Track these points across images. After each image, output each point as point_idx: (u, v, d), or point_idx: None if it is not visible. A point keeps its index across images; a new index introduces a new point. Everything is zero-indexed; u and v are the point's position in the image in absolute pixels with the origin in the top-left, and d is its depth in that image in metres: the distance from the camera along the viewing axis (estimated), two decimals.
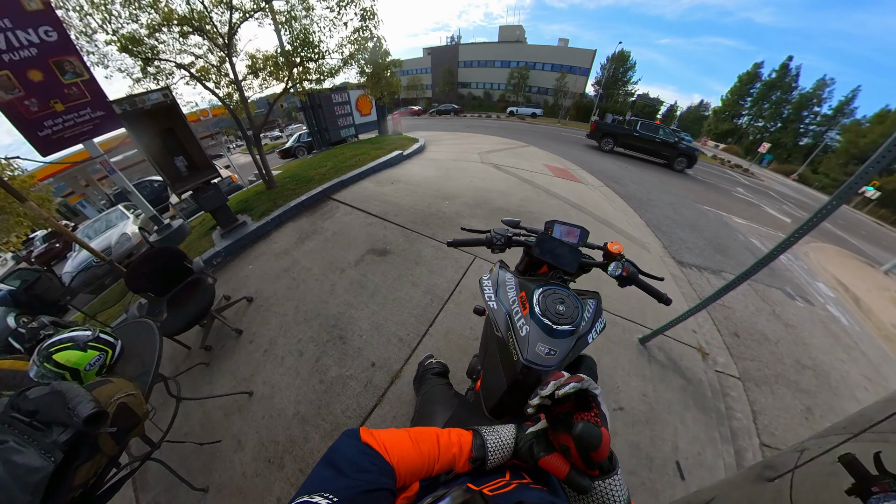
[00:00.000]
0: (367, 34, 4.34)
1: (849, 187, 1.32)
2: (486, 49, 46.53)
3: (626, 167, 10.05)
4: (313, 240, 3.45)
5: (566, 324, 0.84)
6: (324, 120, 8.94)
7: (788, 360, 3.05)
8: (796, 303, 4.27)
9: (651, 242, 4.32)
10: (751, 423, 2.25)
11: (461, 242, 1.19)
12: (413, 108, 32.94)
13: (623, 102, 43.39)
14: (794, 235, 1.55)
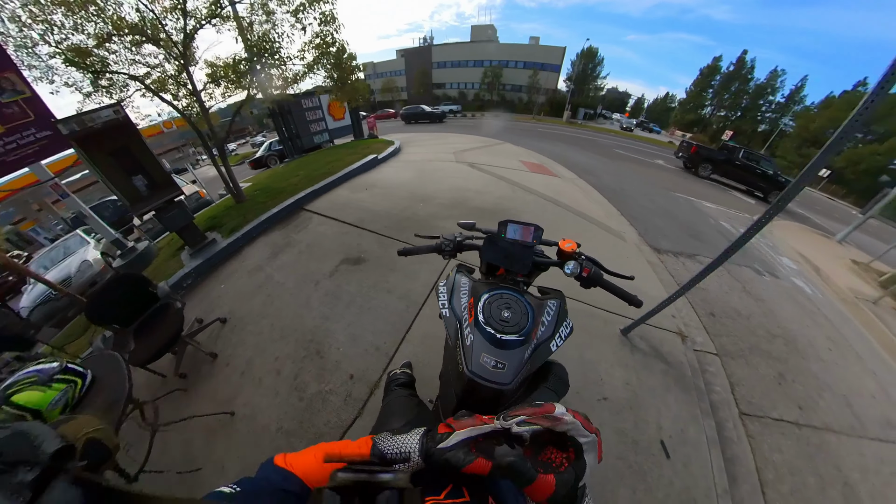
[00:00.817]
0: (329, 39, 4.24)
1: (809, 171, 1.41)
2: (459, 49, 46.88)
3: (600, 160, 10.33)
4: (287, 253, 3.34)
5: (512, 332, 0.76)
6: (295, 126, 8.70)
7: (760, 331, 3.20)
8: (764, 278, 4.50)
9: (627, 231, 4.43)
10: (729, 396, 2.34)
11: (411, 251, 1.14)
12: (389, 111, 32.65)
13: (594, 97, 44.90)
14: (765, 217, 1.61)
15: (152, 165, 3.54)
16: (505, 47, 45.41)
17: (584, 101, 43.31)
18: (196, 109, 4.10)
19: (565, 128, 23.18)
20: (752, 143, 41.21)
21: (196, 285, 3.29)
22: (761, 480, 1.88)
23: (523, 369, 0.76)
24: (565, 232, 3.93)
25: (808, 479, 2.00)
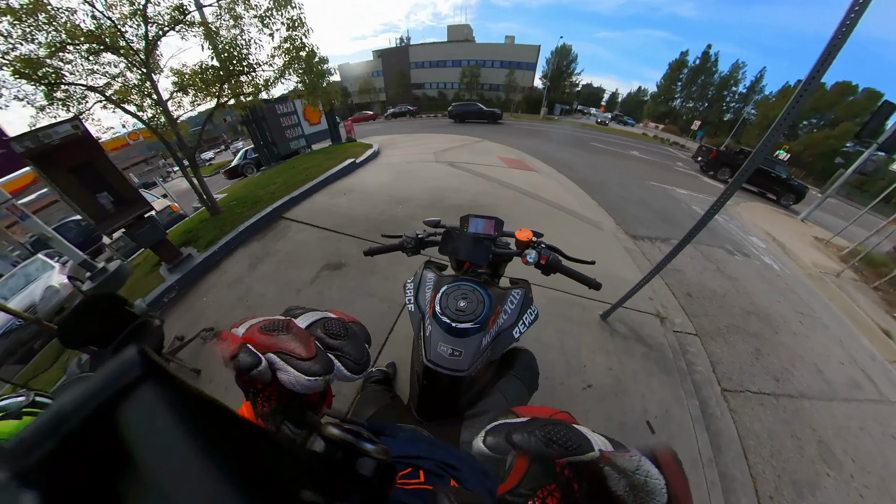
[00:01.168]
0: (298, 43, 4.17)
1: (757, 154, 1.48)
2: (436, 49, 47.10)
3: (577, 153, 10.57)
4: (266, 263, 3.25)
5: (467, 321, 0.78)
6: (270, 133, 8.50)
7: (736, 309, 3.34)
8: (736, 257, 4.70)
9: (604, 221, 4.54)
10: (711, 374, 2.42)
11: (376, 251, 1.16)
12: (367, 113, 32.24)
13: (569, 93, 46.09)
14: (723, 198, 1.68)
15: (118, 181, 3.38)
16: (482, 47, 46.03)
17: (560, 98, 44.48)
18: (163, 120, 3.95)
19: (543, 124, 23.63)
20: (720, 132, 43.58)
21: (175, 302, 3.16)
22: (744, 447, 1.98)
23: (482, 356, 0.78)
24: (542, 224, 3.98)
25: (786, 442, 2.12)
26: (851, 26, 1.15)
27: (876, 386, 3.04)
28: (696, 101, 48.41)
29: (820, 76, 1.26)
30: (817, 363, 2.98)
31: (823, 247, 6.80)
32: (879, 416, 2.68)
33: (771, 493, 1.80)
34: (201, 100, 4.08)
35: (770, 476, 1.89)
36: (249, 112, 7.80)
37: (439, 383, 0.79)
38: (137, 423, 0.16)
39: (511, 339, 0.86)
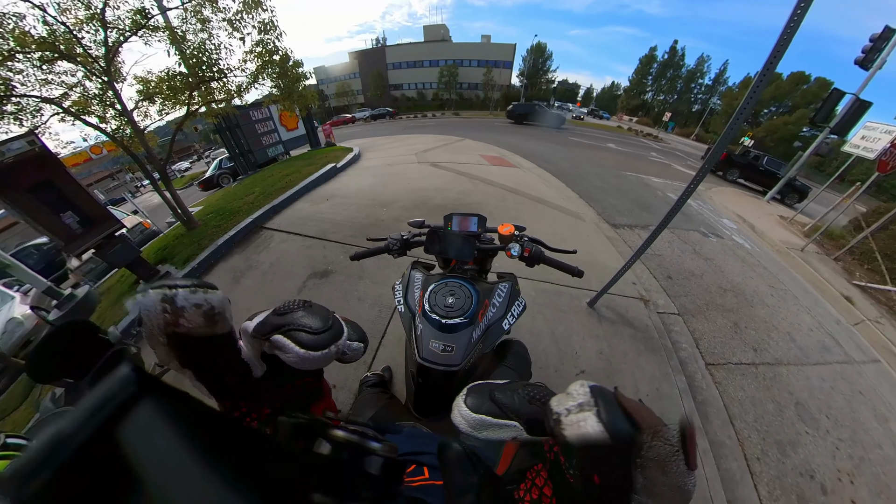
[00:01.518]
0: (271, 47, 4.06)
1: (722, 141, 1.60)
2: (413, 49, 47.01)
3: (555, 148, 10.80)
4: (249, 277, 3.15)
5: (457, 316, 0.80)
6: (245, 140, 8.24)
7: (713, 287, 3.51)
8: (710, 239, 4.93)
9: (585, 212, 4.66)
10: (695, 350, 2.54)
11: (362, 255, 1.16)
12: (346, 116, 31.68)
13: (546, 89, 47.13)
14: (692, 184, 1.77)
15: (83, 199, 3.19)
16: (458, 46, 46.39)
17: (537, 95, 45.47)
18: (129, 131, 3.74)
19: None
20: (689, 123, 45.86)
21: None
22: (730, 415, 2.09)
23: (473, 350, 0.80)
24: (525, 218, 4.05)
25: (768, 406, 2.26)
26: (798, 22, 1.25)
27: (842, 348, 3.27)
28: (666, 93, 51.21)
29: (773, 67, 1.35)
30: (790, 332, 3.17)
31: (788, 224, 7.24)
32: (847, 376, 2.89)
33: (757, 455, 1.91)
34: (170, 108, 3.89)
35: (755, 439, 2.00)
36: (222, 120, 7.52)
37: (434, 380, 0.80)
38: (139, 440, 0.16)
39: (501, 332, 0.88)
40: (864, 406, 2.58)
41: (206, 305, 0.27)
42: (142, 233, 7.05)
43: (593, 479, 0.23)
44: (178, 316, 0.26)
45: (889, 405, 2.74)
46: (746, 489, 1.72)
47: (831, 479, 1.92)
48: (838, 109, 8.13)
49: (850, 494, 1.87)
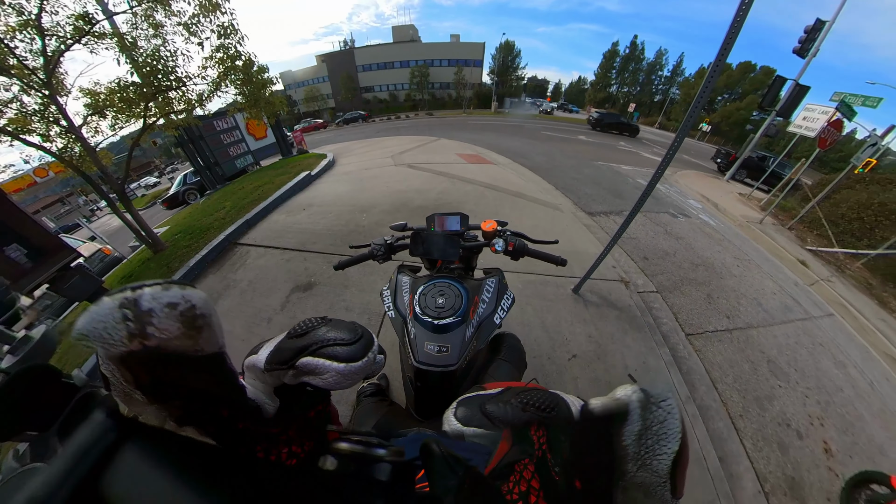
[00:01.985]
0: (233, 52, 3.85)
1: (683, 128, 1.70)
2: (382, 51, 46.33)
3: (529, 143, 11.04)
4: (228, 297, 3.00)
5: (448, 316, 0.81)
6: (210, 153, 7.83)
7: (686, 264, 3.71)
8: (679, 219, 5.22)
9: (562, 203, 4.80)
10: (675, 324, 2.68)
11: (346, 263, 1.14)
12: (317, 122, 30.75)
13: (517, 86, 48.11)
14: (660, 169, 1.86)
15: (29, 228, 2.90)
16: (428, 46, 46.31)
17: (508, 92, 46.22)
18: (78, 149, 3.43)
19: (495, 118, 24.37)
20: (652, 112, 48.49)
21: None
22: (712, 379, 2.24)
23: (468, 347, 0.81)
24: (506, 213, 4.13)
25: (744, 367, 2.43)
26: (743, 17, 1.36)
27: (802, 306, 3.56)
28: (630, 86, 54.20)
29: (724, 58, 1.47)
30: (756, 297, 3.42)
31: (746, 200, 7.80)
32: (808, 331, 3.16)
33: (740, 413, 2.06)
34: (123, 122, 3.59)
35: (737, 398, 2.15)
36: (184, 132, 7.10)
37: (432, 382, 0.80)
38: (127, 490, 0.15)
39: (493, 326, 0.89)
40: (824, 356, 2.84)
41: (185, 304, 0.19)
42: (102, 260, 6.54)
43: (575, 484, 0.23)
44: (144, 324, 0.17)
45: (846, 353, 3.03)
46: (734, 444, 1.84)
47: (804, 424, 2.12)
48: (782, 94, 8.87)
49: (821, 436, 2.07)
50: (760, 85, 36.02)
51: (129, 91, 3.41)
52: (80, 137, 3.38)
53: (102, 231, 12.67)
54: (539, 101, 50.55)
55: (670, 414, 0.20)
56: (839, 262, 5.54)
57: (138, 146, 4.00)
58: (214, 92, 3.92)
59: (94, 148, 3.56)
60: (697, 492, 1.56)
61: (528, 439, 0.28)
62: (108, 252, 6.77)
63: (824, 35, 8.10)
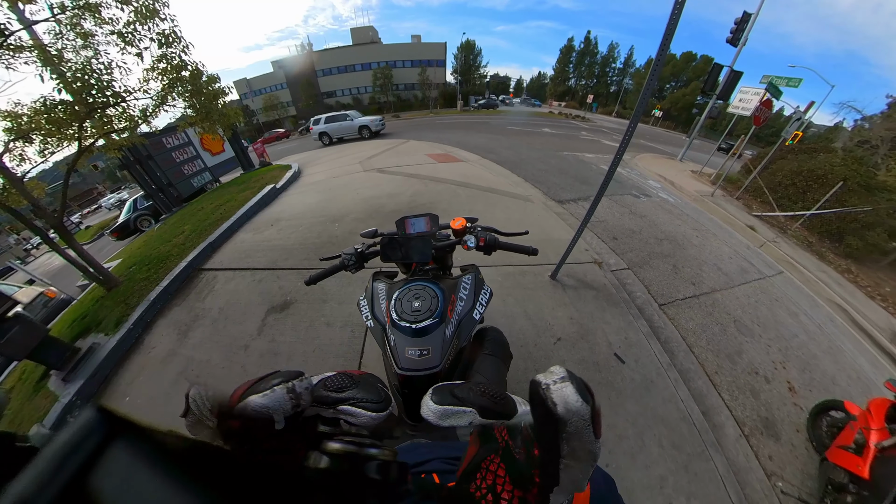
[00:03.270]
0: (177, 62, 3.58)
1: (635, 115, 1.82)
2: (342, 54, 45.01)
3: (496, 138, 11.25)
4: (198, 328, 2.80)
5: (426, 318, 0.81)
6: (162, 173, 7.25)
7: (651, 240, 3.94)
8: (641, 199, 5.53)
9: (532, 194, 4.93)
10: (648, 296, 2.83)
11: (317, 277, 1.11)
12: (278, 131, 29.40)
13: (480, 84, 48.82)
14: (618, 154, 1.97)
15: None
16: (390, 47, 45.69)
17: (472, 90, 46.80)
18: (1, 181, 3.05)
19: (461, 116, 24.60)
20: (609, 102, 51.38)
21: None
22: (688, 344, 2.40)
23: (450, 347, 0.80)
24: (479, 208, 4.17)
25: (714, 329, 2.63)
26: (679, 12, 1.47)
27: (756, 267, 3.89)
28: (587, 78, 57.30)
29: (665, 50, 1.59)
30: (716, 263, 3.70)
31: (698, 177, 8.41)
32: (764, 288, 3.46)
33: (716, 370, 2.24)
34: (55, 146, 3.22)
35: (711, 358, 2.33)
36: (128, 153, 6.52)
37: (418, 386, 0.79)
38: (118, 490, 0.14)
39: (473, 322, 0.89)
40: (780, 309, 3.14)
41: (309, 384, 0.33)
42: (46, 305, 5.90)
43: (534, 452, 0.30)
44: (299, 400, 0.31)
45: (796, 304, 3.37)
46: (713, 398, 2.00)
47: (770, 370, 2.34)
48: (720, 79, 9.70)
49: (785, 377, 2.31)
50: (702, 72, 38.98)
51: (57, 111, 3.06)
52: (2, 167, 3.00)
53: (43, 272, 11.44)
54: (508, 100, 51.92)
55: (566, 390, 0.27)
56: (781, 224, 6.12)
57: (76, 171, 3.62)
58: (160, 106, 3.62)
59: (21, 178, 3.18)
60: (687, 446, 1.66)
61: (493, 438, 0.35)
62: (51, 295, 6.11)
63: (751, 25, 8.93)
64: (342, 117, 12.99)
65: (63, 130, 3.11)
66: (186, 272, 3.60)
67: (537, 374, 0.29)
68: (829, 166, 6.57)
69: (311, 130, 13.05)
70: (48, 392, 2.71)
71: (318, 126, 13.01)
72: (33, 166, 3.30)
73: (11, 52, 2.87)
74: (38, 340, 2.67)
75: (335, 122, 12.96)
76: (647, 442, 1.65)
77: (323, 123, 13.01)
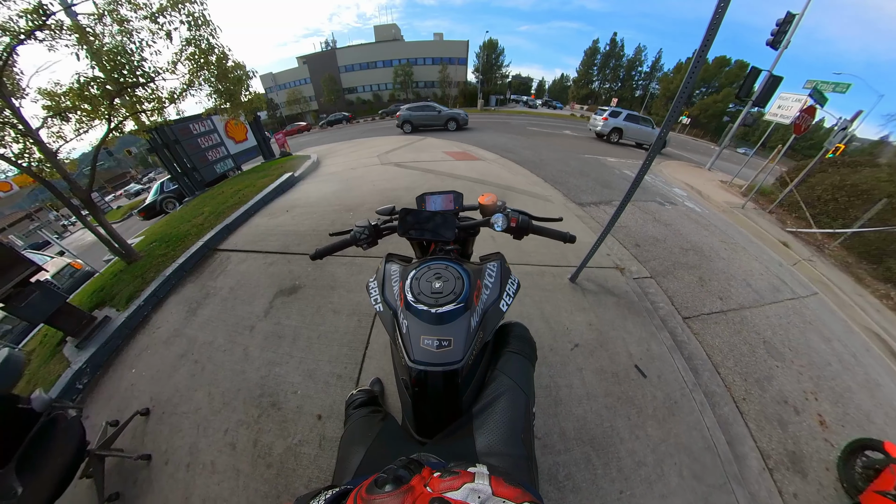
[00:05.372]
0: (205, 46, 3.64)
1: (668, 121, 1.71)
2: (365, 51, 45.51)
3: (515, 138, 11.06)
4: (207, 306, 2.82)
5: (448, 302, 0.67)
6: (188, 158, 7.47)
7: (676, 249, 3.74)
8: (666, 207, 5.29)
9: (552, 195, 4.78)
10: (671, 307, 2.67)
11: (324, 251, 1.00)
12: (300, 125, 29.98)
13: (502, 84, 48.36)
14: (647, 160, 1.85)
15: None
16: (411, 45, 45.87)
17: (493, 89, 46.37)
18: (37, 155, 3.17)
19: (481, 115, 24.40)
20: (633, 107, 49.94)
21: (98, 381, 2.58)
22: (714, 363, 2.22)
23: (474, 340, 0.67)
24: None
25: (742, 349, 2.43)
26: (721, 16, 1.36)
27: (788, 286, 3.63)
28: (611, 82, 55.37)
29: (705, 54, 1.47)
30: (745, 278, 3.46)
31: (728, 187, 8.01)
32: (796, 309, 3.22)
33: (743, 396, 2.05)
34: (88, 124, 3.34)
35: (739, 382, 2.14)
36: (157, 136, 6.75)
37: (432, 385, 0.66)
38: None
39: (500, 314, 0.77)
40: (813, 333, 2.90)
41: None
42: (72, 276, 6.16)
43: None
44: None
45: (830, 329, 3.11)
46: (739, 427, 1.83)
47: (800, 400, 2.15)
48: (757, 85, 9.19)
49: (816, 409, 2.11)
50: (735, 78, 37.37)
51: (90, 87, 3.16)
52: (38, 141, 3.12)
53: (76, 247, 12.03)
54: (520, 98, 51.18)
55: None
56: (818, 242, 5.73)
57: (110, 155, 3.75)
58: (187, 89, 3.70)
59: (55, 153, 3.30)
60: (709, 476, 1.52)
61: None
62: (78, 266, 6.37)
63: (794, 27, 8.42)
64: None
65: (96, 109, 3.21)
66: (202, 251, 3.65)
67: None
68: (875, 181, 6.11)
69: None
70: (62, 357, 2.79)
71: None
72: (64, 143, 3.42)
73: (54, 33, 2.96)
74: (57, 307, 2.75)
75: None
76: (667, 471, 1.52)
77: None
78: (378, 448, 0.67)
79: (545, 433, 1.59)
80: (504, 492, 0.31)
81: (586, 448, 1.55)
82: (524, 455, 0.59)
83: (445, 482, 0.31)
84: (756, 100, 9.31)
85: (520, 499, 0.30)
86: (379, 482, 0.32)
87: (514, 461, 0.57)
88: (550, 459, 1.50)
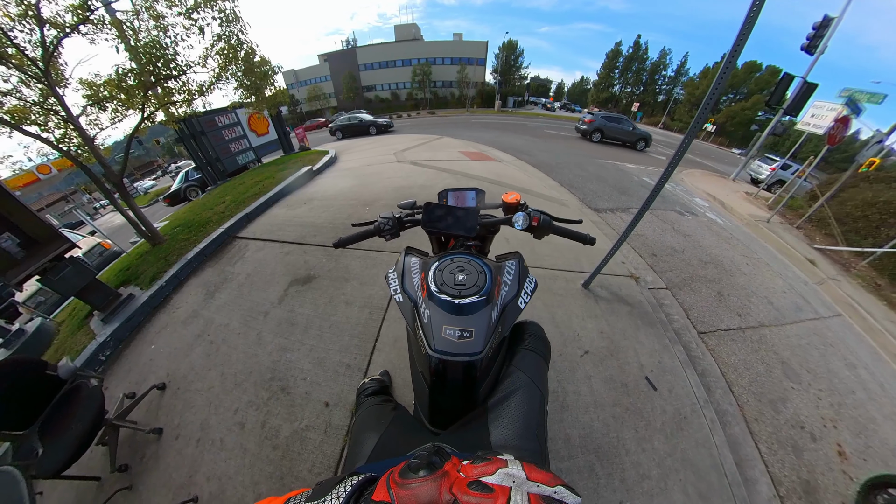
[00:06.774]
0: (235, 41, 3.79)
1: (693, 128, 1.66)
2: (384, 49, 46.01)
3: (532, 140, 10.96)
4: (225, 290, 2.93)
5: (471, 294, 0.69)
6: (212, 149, 7.77)
7: (694, 261, 3.63)
8: (686, 217, 5.14)
9: (568, 199, 4.72)
10: (686, 321, 2.60)
11: (347, 240, 1.03)
12: (319, 121, 30.61)
13: (520, 86, 47.90)
14: (669, 168, 1.80)
15: (23, 217, 2.82)
16: (431, 45, 46.05)
17: (511, 91, 46.03)
18: (76, 141, 3.38)
19: (498, 116, 24.27)
20: (655, 112, 48.31)
21: (119, 355, 2.72)
22: (728, 381, 2.15)
23: (494, 333, 0.69)
24: None
25: (758, 368, 2.34)
26: (754, 18, 1.30)
27: (811, 306, 3.47)
28: (633, 85, 53.47)
29: (736, 58, 1.42)
30: (767, 295, 3.33)
31: (753, 199, 7.70)
32: (818, 331, 3.07)
33: (756, 417, 1.98)
34: (123, 113, 3.55)
35: (752, 402, 2.07)
36: (185, 126, 7.04)
37: (451, 376, 0.68)
38: None
39: (518, 311, 0.78)
40: (835, 357, 2.76)
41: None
42: (101, 255, 6.48)
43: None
44: None
45: (855, 354, 2.94)
46: (749, 448, 1.77)
47: (818, 426, 2.04)
48: (789, 93, 8.76)
49: (835, 438, 2.00)
50: (766, 85, 35.69)
51: (127, 78, 3.34)
52: (78, 127, 3.31)
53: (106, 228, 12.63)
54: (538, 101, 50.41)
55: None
56: (845, 260, 5.45)
57: (140, 144, 3.94)
58: (216, 83, 3.86)
59: (92, 139, 3.50)
60: (715, 497, 1.48)
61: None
62: (107, 246, 6.70)
63: (832, 32, 7.99)
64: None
65: (131, 99, 3.40)
66: (222, 238, 3.78)
67: None
68: None
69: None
70: (88, 330, 2.94)
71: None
72: (101, 130, 3.64)
73: (96, 26, 3.17)
74: (86, 282, 2.91)
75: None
76: (671, 486, 1.48)
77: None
78: (391, 435, 0.70)
79: (549, 438, 1.57)
80: (538, 476, 0.32)
81: (590, 457, 1.53)
82: (538, 450, 0.60)
83: (479, 468, 0.32)
84: (788, 108, 8.87)
85: (552, 482, 0.31)
86: (413, 467, 0.33)
87: (529, 455, 0.58)
88: (553, 465, 1.49)
